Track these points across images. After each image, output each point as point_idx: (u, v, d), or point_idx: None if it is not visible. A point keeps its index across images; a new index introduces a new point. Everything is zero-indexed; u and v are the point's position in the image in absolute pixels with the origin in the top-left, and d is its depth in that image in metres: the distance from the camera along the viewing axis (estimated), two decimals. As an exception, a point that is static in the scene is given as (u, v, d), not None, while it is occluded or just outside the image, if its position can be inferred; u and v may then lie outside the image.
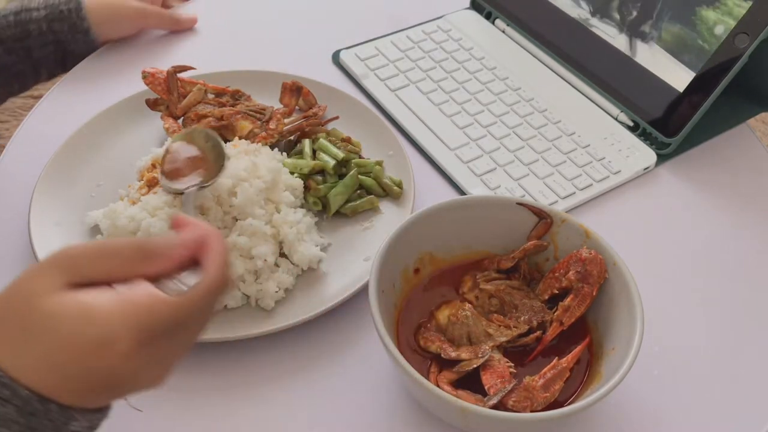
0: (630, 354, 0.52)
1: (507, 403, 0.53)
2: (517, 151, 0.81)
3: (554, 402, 0.54)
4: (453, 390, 0.54)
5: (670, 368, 0.63)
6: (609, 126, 0.85)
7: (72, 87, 0.87)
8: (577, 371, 0.57)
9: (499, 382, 0.54)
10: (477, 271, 0.63)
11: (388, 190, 0.73)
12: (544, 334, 0.59)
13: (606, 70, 0.87)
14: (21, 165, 0.77)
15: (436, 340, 0.58)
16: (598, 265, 0.58)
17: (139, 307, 0.39)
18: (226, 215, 0.65)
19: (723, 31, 0.77)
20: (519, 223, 0.63)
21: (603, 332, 0.59)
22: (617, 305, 0.58)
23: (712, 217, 0.78)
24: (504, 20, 0.97)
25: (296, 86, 0.81)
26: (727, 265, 0.73)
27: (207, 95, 0.79)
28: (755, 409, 0.61)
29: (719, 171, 0.82)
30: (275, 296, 0.63)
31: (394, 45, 0.94)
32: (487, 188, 0.76)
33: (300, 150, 0.76)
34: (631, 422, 0.60)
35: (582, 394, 0.55)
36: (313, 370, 0.61)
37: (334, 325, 0.64)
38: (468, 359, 0.56)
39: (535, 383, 0.53)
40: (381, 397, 0.60)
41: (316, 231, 0.69)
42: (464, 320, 0.58)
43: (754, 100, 0.88)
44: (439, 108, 0.85)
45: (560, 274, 0.60)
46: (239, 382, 0.60)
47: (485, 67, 0.91)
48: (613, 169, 0.79)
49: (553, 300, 0.61)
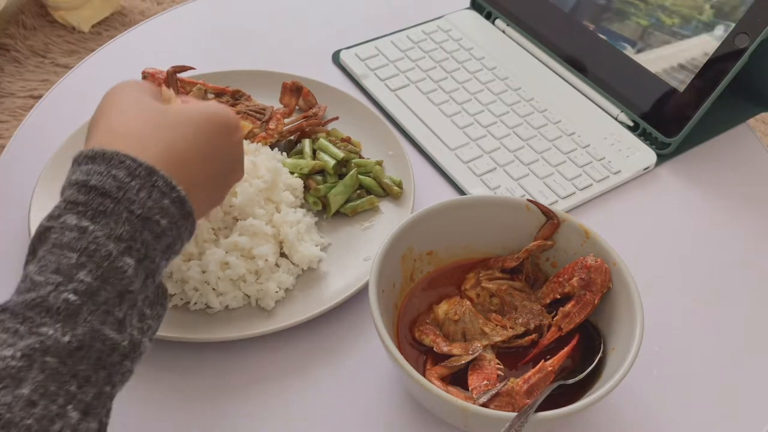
0: (630, 354, 0.52)
1: (488, 407, 0.52)
2: (517, 151, 0.81)
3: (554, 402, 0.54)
4: (443, 385, 0.54)
5: (670, 368, 0.63)
6: (609, 126, 0.85)
7: (72, 87, 0.87)
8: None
9: (483, 384, 0.54)
10: (481, 269, 0.63)
11: (388, 190, 0.73)
12: (541, 337, 0.59)
13: (606, 70, 0.87)
14: (21, 165, 0.77)
15: (431, 333, 0.58)
16: (603, 274, 0.58)
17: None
18: (227, 215, 0.65)
19: (723, 31, 0.77)
20: (521, 223, 0.63)
21: (603, 332, 0.59)
22: (617, 305, 0.58)
23: (712, 217, 0.78)
24: (504, 20, 0.97)
25: (296, 86, 0.81)
26: (727, 265, 0.73)
27: (207, 95, 0.79)
28: (755, 409, 0.61)
29: (719, 171, 0.82)
30: (275, 296, 0.63)
31: (394, 45, 0.94)
32: (487, 188, 0.76)
33: (300, 150, 0.76)
34: (631, 422, 0.60)
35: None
36: (313, 370, 0.61)
37: (334, 325, 0.64)
38: (459, 355, 0.56)
39: (519, 388, 0.53)
40: (381, 397, 0.60)
41: (316, 231, 0.69)
42: (461, 316, 0.58)
43: (754, 100, 0.88)
44: (439, 108, 0.86)
45: (564, 279, 0.60)
46: (239, 382, 0.60)
47: (485, 67, 0.91)
48: (613, 169, 0.79)
49: (554, 305, 0.61)
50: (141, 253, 0.43)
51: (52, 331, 0.38)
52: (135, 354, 0.43)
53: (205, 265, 0.62)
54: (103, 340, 0.40)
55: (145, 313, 0.44)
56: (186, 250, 0.62)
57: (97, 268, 0.41)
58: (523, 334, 0.59)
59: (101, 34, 2.09)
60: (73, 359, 0.38)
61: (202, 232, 0.63)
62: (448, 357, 0.57)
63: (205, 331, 0.60)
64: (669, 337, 0.65)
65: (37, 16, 2.10)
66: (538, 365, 0.55)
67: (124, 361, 0.41)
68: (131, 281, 0.42)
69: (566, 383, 0.55)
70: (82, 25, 2.07)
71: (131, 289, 0.42)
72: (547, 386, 0.53)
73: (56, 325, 0.38)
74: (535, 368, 0.54)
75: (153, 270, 0.45)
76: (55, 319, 0.39)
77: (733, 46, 0.76)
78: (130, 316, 0.42)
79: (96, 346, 0.39)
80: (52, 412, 0.37)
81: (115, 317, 0.41)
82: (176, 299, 0.62)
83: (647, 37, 0.84)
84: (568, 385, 0.55)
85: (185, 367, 0.61)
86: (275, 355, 0.62)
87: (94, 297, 0.40)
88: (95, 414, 0.39)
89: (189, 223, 0.47)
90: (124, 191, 0.43)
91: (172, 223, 0.45)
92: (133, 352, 0.42)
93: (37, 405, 0.36)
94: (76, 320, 0.39)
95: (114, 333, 0.41)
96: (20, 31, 2.05)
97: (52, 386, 0.37)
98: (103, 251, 0.41)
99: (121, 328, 0.41)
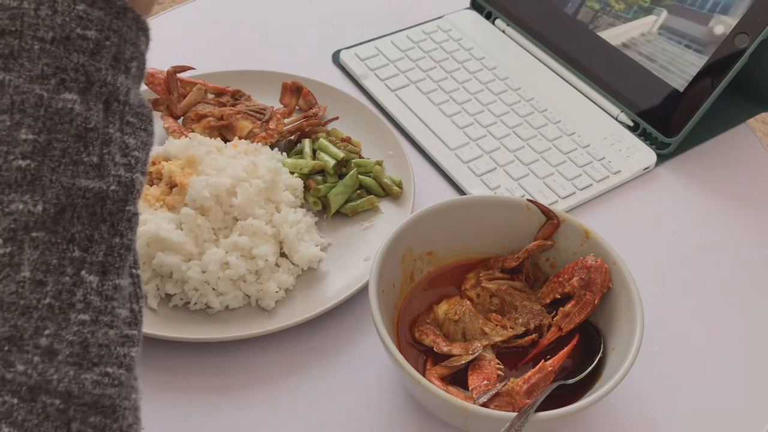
0: (630, 354, 0.52)
1: (488, 407, 0.52)
2: (517, 151, 0.81)
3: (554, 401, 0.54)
4: (443, 385, 0.54)
5: (670, 368, 0.63)
6: (609, 126, 0.85)
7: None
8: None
9: (483, 384, 0.54)
10: (482, 269, 0.63)
11: (388, 190, 0.73)
12: (541, 337, 0.59)
13: (606, 70, 0.87)
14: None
15: (431, 333, 0.58)
16: (603, 274, 0.58)
17: None
18: (227, 215, 0.65)
19: (723, 31, 0.77)
20: (520, 223, 0.63)
21: (603, 332, 0.59)
22: (617, 305, 0.58)
23: (712, 217, 0.78)
24: (504, 20, 0.97)
25: (296, 86, 0.81)
26: (727, 265, 0.73)
27: (207, 95, 0.79)
28: (755, 409, 0.61)
29: (719, 171, 0.82)
30: (275, 296, 0.63)
31: (394, 45, 0.94)
32: (487, 188, 0.76)
33: (300, 150, 0.76)
34: (631, 422, 0.60)
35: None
36: (313, 370, 0.61)
37: (334, 325, 0.64)
38: (459, 355, 0.56)
39: (519, 388, 0.53)
40: (381, 397, 0.60)
41: (316, 231, 0.69)
42: (461, 316, 0.58)
43: (754, 100, 0.88)
44: (439, 108, 0.86)
45: (564, 279, 0.60)
46: (239, 382, 0.60)
47: (485, 67, 0.91)
48: (613, 169, 0.79)
49: (554, 305, 0.61)
50: (81, 81, 0.36)
51: (22, 205, 0.34)
52: (132, 195, 0.38)
53: (205, 265, 0.62)
54: (83, 193, 0.35)
55: (128, 144, 0.38)
56: (186, 250, 0.62)
57: (35, 121, 0.35)
58: (523, 334, 0.59)
59: (101, 34, 2.08)
60: (61, 225, 0.35)
61: (203, 232, 0.63)
62: (448, 357, 0.57)
63: (205, 331, 0.60)
64: (669, 337, 0.65)
65: (37, 16, 2.10)
66: (538, 365, 0.55)
67: (125, 207, 0.37)
68: (86, 117, 0.36)
69: (566, 383, 0.55)
70: (82, 25, 2.07)
71: (90, 126, 0.36)
72: (547, 386, 0.53)
73: (24, 197, 0.34)
74: (535, 368, 0.54)
75: (112, 92, 0.37)
76: (19, 192, 0.34)
77: (733, 46, 0.76)
78: (109, 155, 0.37)
79: (79, 203, 0.35)
80: (67, 284, 0.34)
81: (86, 164, 0.36)
82: (176, 299, 0.62)
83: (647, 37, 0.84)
84: (568, 385, 0.55)
85: (185, 367, 0.61)
86: (275, 355, 0.62)
87: (47, 152, 0.35)
88: (116, 270, 0.36)
89: (128, 20, 0.38)
90: (20, 18, 0.35)
91: (104, 30, 0.37)
92: (129, 194, 0.38)
93: (46, 284, 0.33)
94: (42, 184, 0.34)
95: (93, 182, 0.36)
96: (20, 31, 2.04)
97: (53, 260, 0.34)
98: (32, 98, 0.35)
99: (102, 173, 0.36)
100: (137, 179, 0.38)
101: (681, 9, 0.81)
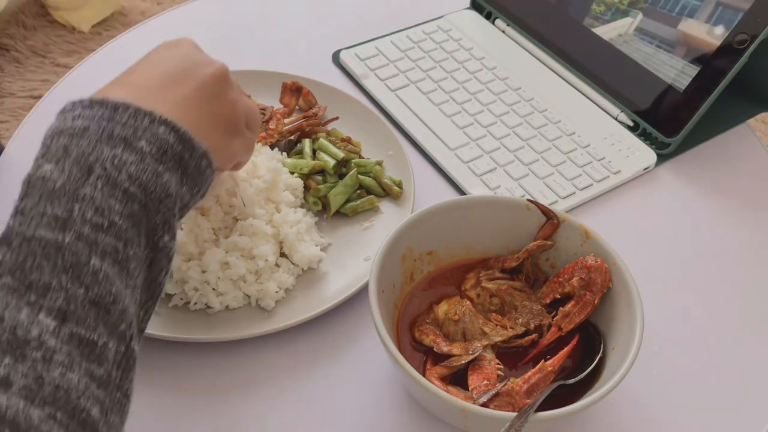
0: (630, 354, 0.52)
1: (488, 407, 0.52)
2: (517, 151, 0.81)
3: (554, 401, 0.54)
4: (443, 385, 0.54)
5: (670, 368, 0.63)
6: (609, 126, 0.85)
7: (72, 87, 0.87)
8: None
9: (483, 384, 0.54)
10: (482, 269, 0.63)
11: (388, 190, 0.73)
12: (541, 337, 0.59)
13: (606, 70, 0.87)
14: (21, 165, 0.76)
15: (431, 333, 0.58)
16: (603, 274, 0.58)
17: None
18: (227, 215, 0.65)
19: (723, 31, 0.77)
20: (520, 223, 0.63)
21: (603, 332, 0.59)
22: (617, 305, 0.58)
23: (712, 217, 0.78)
24: (504, 20, 0.97)
25: (296, 86, 0.81)
26: (727, 265, 0.73)
27: (207, 95, 0.79)
28: (755, 409, 0.61)
29: (719, 171, 0.82)
30: (275, 296, 0.63)
31: (394, 45, 0.94)
32: (487, 188, 0.76)
33: (300, 150, 0.76)
34: (631, 422, 0.60)
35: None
36: (313, 370, 0.61)
37: (334, 325, 0.64)
38: (459, 355, 0.56)
39: (519, 388, 0.53)
40: (381, 397, 0.60)
41: (316, 231, 0.69)
42: (461, 316, 0.58)
43: (754, 100, 0.88)
44: (439, 108, 0.86)
45: (564, 279, 0.60)
46: (239, 382, 0.60)
47: (485, 67, 0.91)
48: (613, 169, 0.79)
49: (554, 304, 0.61)
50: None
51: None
52: (94, 249, 0.42)
53: (205, 265, 0.62)
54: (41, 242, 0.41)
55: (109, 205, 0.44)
56: (186, 250, 0.62)
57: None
58: (523, 334, 0.59)
59: (101, 34, 2.09)
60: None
61: (203, 232, 0.63)
62: (448, 357, 0.57)
63: (205, 331, 0.60)
64: (669, 337, 0.65)
65: (37, 16, 2.11)
66: (538, 365, 0.55)
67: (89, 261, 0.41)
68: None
69: (566, 383, 0.55)
70: (82, 25, 2.07)
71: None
72: (547, 386, 0.53)
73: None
74: (535, 368, 0.54)
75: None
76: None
77: (733, 46, 0.76)
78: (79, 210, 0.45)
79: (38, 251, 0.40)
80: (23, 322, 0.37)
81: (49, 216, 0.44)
82: (176, 299, 0.62)
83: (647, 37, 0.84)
84: (568, 385, 0.55)
85: (185, 367, 0.61)
86: (275, 355, 0.62)
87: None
88: (80, 320, 0.39)
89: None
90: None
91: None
92: (91, 249, 0.42)
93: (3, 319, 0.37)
94: (7, 237, 0.42)
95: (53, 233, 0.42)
96: (20, 31, 2.05)
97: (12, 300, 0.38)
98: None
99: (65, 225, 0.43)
100: (105, 240, 0.42)
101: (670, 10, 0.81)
